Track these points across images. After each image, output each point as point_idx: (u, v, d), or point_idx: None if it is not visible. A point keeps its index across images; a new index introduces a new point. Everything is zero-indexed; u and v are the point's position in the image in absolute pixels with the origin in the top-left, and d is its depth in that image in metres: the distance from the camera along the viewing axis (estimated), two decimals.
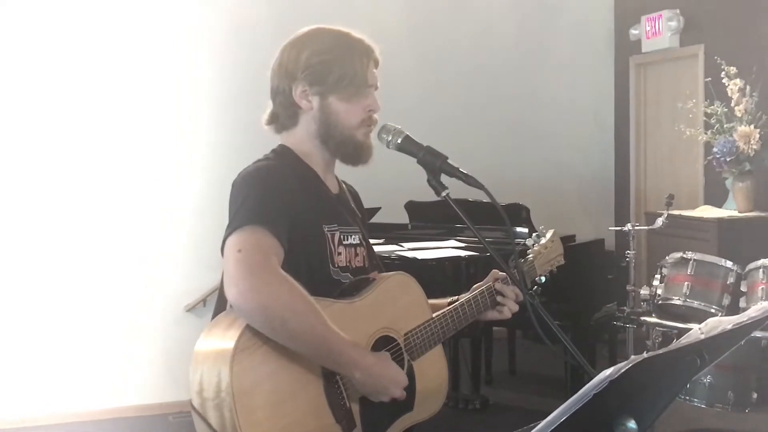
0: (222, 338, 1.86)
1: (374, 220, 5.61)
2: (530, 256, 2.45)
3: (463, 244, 4.96)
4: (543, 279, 2.46)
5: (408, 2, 6.56)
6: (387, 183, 5.67)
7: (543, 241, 2.50)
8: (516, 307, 2.30)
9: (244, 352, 1.82)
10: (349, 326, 1.97)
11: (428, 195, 2.18)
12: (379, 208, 5.53)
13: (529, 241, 2.49)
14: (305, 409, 1.90)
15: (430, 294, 2.29)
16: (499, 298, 2.29)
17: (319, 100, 2.09)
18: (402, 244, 4.99)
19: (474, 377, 5.09)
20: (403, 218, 5.66)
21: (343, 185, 2.29)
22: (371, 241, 2.32)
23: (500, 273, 2.33)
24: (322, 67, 2.07)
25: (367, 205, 2.46)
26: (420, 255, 4.66)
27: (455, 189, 2.07)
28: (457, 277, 4.56)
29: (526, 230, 4.83)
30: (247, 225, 1.90)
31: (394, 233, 5.27)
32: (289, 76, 2.10)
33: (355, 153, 2.13)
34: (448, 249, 4.84)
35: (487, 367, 5.66)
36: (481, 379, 5.26)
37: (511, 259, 2.28)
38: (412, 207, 5.62)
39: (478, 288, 2.31)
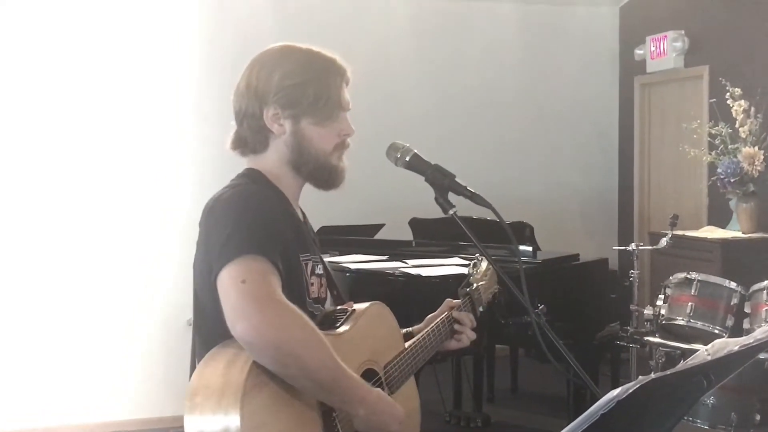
0: (225, 377, 1.72)
1: (378, 236, 5.62)
2: (475, 284, 2.42)
3: (466, 262, 4.96)
4: (481, 309, 2.43)
5: (414, 20, 6.59)
6: (391, 200, 5.69)
7: (483, 267, 2.48)
8: (474, 335, 2.28)
9: (253, 392, 1.71)
10: (340, 359, 1.87)
11: (432, 212, 2.19)
12: (383, 225, 5.54)
13: (469, 269, 2.46)
14: None
15: (432, 311, 2.30)
16: (456, 327, 2.28)
17: (291, 125, 1.98)
18: (406, 260, 4.99)
19: (476, 395, 5.07)
20: (407, 235, 5.66)
21: (302, 211, 2.15)
22: (373, 257, 2.31)
23: (454, 301, 2.33)
24: (296, 90, 1.96)
25: (371, 221, 2.48)
26: (424, 272, 4.65)
27: (459, 207, 2.07)
28: None
29: (530, 249, 4.83)
30: (245, 254, 1.77)
31: (398, 250, 5.27)
32: (259, 98, 1.98)
33: (330, 178, 2.04)
34: (451, 266, 4.84)
35: (490, 385, 5.64)
36: (483, 397, 5.24)
37: (462, 286, 2.30)
38: (416, 224, 5.62)
39: (432, 318, 2.29)
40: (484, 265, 2.49)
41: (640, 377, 1.21)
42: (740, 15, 5.94)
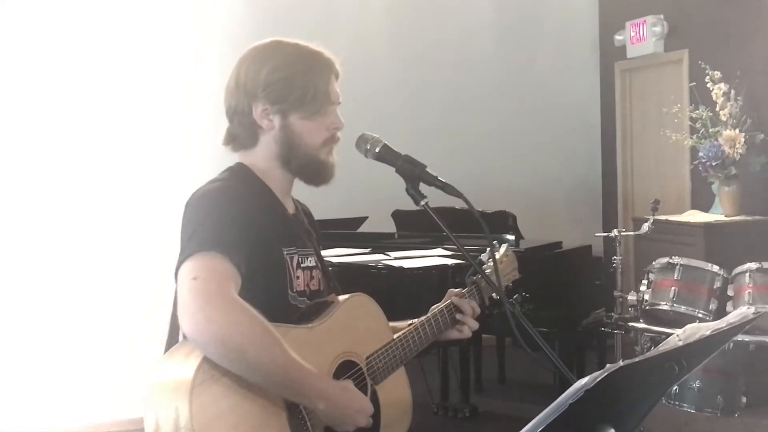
0: (178, 372, 1.75)
1: (361, 229, 5.61)
2: (486, 270, 2.35)
3: (449, 253, 4.95)
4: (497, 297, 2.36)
5: (390, 9, 6.56)
6: (373, 192, 5.66)
7: (498, 255, 2.44)
8: (476, 325, 2.25)
9: (203, 385, 1.72)
10: (310, 352, 1.88)
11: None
12: (366, 217, 5.52)
13: (483, 256, 2.40)
14: None
15: (416, 303, 2.28)
16: (458, 316, 2.24)
17: (280, 119, 2.00)
18: (389, 253, 4.98)
19: (463, 385, 5.07)
20: (390, 227, 5.65)
21: (297, 205, 2.18)
22: (358, 250, 2.30)
23: (457, 290, 2.28)
24: (283, 84, 1.97)
25: (354, 214, 2.46)
26: (407, 264, 4.64)
27: (443, 196, 2.03)
28: (444, 285, 4.51)
29: (512, 238, 4.83)
30: (202, 251, 1.79)
31: (380, 242, 5.25)
32: (248, 94, 1.99)
33: (319, 173, 2.05)
34: (434, 258, 4.83)
35: (477, 376, 5.63)
36: (471, 387, 5.23)
37: (469, 274, 2.24)
38: (398, 216, 5.61)
39: (437, 308, 2.25)
40: (501, 251, 2.47)
41: (608, 365, 1.20)
42: None
